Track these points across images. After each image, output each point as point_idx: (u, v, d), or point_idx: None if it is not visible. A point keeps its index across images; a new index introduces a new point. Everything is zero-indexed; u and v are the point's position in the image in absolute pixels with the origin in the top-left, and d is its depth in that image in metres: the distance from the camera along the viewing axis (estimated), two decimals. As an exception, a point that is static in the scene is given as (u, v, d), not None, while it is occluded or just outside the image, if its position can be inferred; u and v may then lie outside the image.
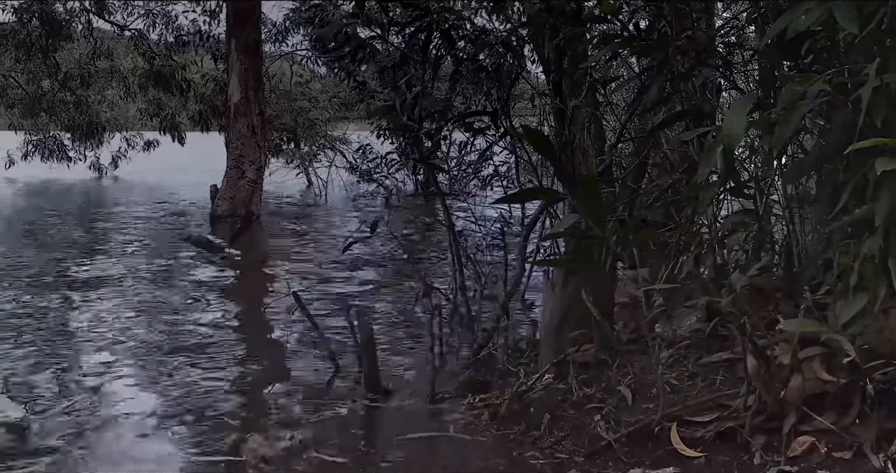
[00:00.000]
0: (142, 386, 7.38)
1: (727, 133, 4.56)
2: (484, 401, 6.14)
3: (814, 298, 4.66)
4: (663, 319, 5.68)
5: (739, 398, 4.72)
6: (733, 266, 5.71)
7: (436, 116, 7.85)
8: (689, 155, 6.57)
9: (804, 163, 5.50)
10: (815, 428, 4.35)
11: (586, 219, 4.74)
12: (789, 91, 4.51)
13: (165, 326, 9.40)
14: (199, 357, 8.14)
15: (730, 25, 7.50)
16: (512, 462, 5.20)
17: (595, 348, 5.92)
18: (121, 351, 8.36)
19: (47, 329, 9.22)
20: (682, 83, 6.14)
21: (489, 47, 9.14)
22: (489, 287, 8.36)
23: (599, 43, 6.74)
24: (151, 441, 6.06)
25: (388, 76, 9.98)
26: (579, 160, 6.82)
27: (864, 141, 4.05)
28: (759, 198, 5.75)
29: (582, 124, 6.86)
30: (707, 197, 5.11)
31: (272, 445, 5.89)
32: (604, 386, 5.60)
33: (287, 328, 8.88)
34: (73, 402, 6.79)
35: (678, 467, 4.58)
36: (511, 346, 7.34)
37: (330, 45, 18.11)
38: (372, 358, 6.92)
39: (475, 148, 16.02)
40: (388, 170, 24.80)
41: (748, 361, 4.56)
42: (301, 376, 7.63)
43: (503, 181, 16.90)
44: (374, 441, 6.20)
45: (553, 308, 6.33)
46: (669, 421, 4.84)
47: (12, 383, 7.29)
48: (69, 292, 11.25)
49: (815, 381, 4.40)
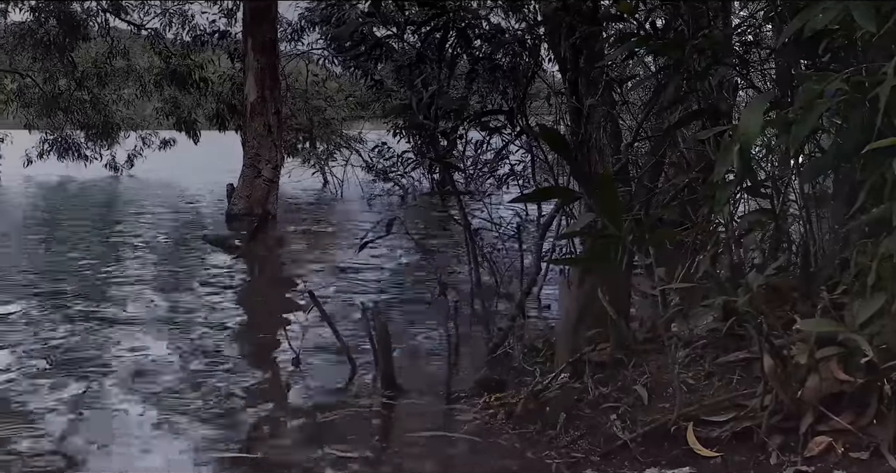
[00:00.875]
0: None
1: (744, 132, 4.55)
2: (499, 400, 6.14)
3: (831, 298, 4.64)
4: (680, 318, 5.67)
5: (756, 397, 4.71)
6: (750, 265, 5.69)
7: (452, 115, 7.85)
8: (705, 154, 6.55)
9: (821, 162, 5.48)
10: (832, 428, 4.34)
11: (602, 218, 4.73)
12: (806, 90, 4.50)
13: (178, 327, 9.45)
14: (215, 360, 8.16)
15: (747, 24, 7.47)
16: (527, 461, 5.19)
17: (611, 347, 5.92)
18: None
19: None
20: (698, 82, 6.12)
21: (505, 46, 9.14)
22: (505, 285, 8.35)
23: (616, 41, 6.74)
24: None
25: (404, 75, 10.00)
26: (595, 159, 6.81)
27: (882, 140, 4.04)
28: (775, 198, 5.73)
29: (598, 123, 6.84)
30: (723, 196, 5.09)
31: (286, 441, 5.92)
32: (620, 385, 5.59)
33: (303, 327, 8.89)
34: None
35: (694, 467, 4.57)
36: (527, 345, 7.33)
37: (346, 43, 18.16)
38: (387, 355, 6.92)
39: (491, 147, 16.04)
40: (404, 169, 24.84)
41: (765, 361, 4.55)
42: (316, 373, 7.64)
43: (519, 180, 16.93)
44: (389, 439, 6.20)
45: (569, 307, 6.33)
46: (686, 421, 4.83)
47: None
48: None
49: (832, 381, 4.38)
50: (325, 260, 14.54)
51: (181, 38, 29.14)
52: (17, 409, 6.60)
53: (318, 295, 8.27)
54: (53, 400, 6.79)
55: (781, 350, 4.55)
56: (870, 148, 4.10)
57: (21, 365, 7.69)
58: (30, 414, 6.47)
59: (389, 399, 6.70)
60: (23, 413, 6.49)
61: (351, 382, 7.33)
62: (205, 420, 6.38)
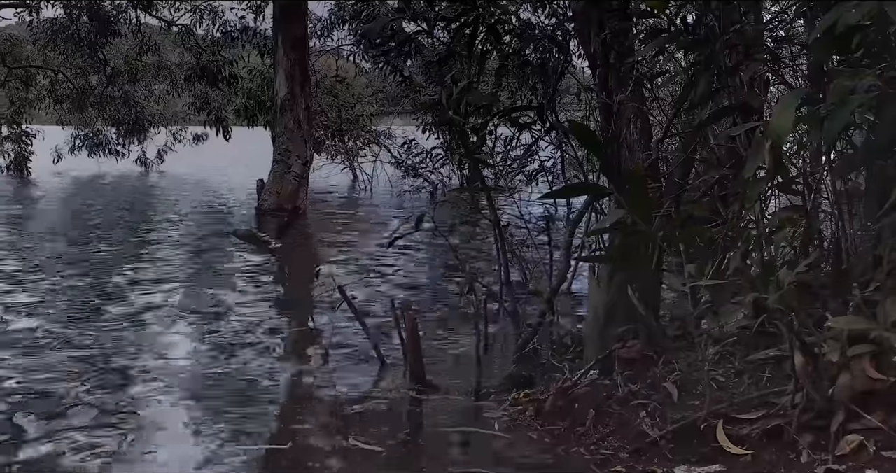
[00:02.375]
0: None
1: (775, 128, 4.52)
2: (528, 397, 6.14)
3: (863, 295, 4.62)
4: (710, 315, 5.65)
5: (787, 395, 4.69)
6: (781, 262, 5.66)
7: (481, 111, 7.84)
8: (736, 150, 6.52)
9: (853, 158, 5.44)
10: (863, 427, 4.31)
11: (632, 215, 4.71)
12: (839, 85, 4.47)
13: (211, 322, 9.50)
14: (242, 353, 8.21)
15: (778, 19, 7.42)
16: (557, 458, 5.19)
17: (641, 344, 5.90)
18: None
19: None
20: (729, 78, 6.09)
21: (535, 42, 9.13)
22: (534, 282, 8.35)
23: (646, 37, 6.70)
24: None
25: (433, 71, 10.00)
26: (625, 155, 6.77)
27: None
28: (807, 194, 5.70)
29: (628, 119, 6.81)
30: (755, 192, 5.06)
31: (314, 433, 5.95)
32: (649, 382, 5.58)
33: (332, 322, 8.90)
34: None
35: (724, 464, 4.56)
36: (556, 342, 7.33)
37: (376, 40, 18.18)
38: (417, 351, 6.93)
39: (521, 143, 16.03)
40: (434, 165, 24.84)
41: (796, 358, 4.53)
42: (346, 368, 7.66)
43: (549, 176, 16.91)
44: (417, 435, 6.21)
45: (598, 303, 6.31)
46: (716, 419, 4.82)
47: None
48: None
49: (863, 379, 4.36)
50: (354, 256, 14.56)
51: (211, 34, 29.24)
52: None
53: (348, 291, 8.28)
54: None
55: (813, 347, 4.53)
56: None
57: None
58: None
59: (418, 395, 6.72)
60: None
61: (380, 377, 7.36)
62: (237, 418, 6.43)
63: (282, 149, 20.87)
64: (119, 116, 33.72)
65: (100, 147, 35.48)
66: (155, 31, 32.14)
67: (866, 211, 5.41)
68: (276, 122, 21.46)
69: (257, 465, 5.60)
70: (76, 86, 32.01)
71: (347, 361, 7.86)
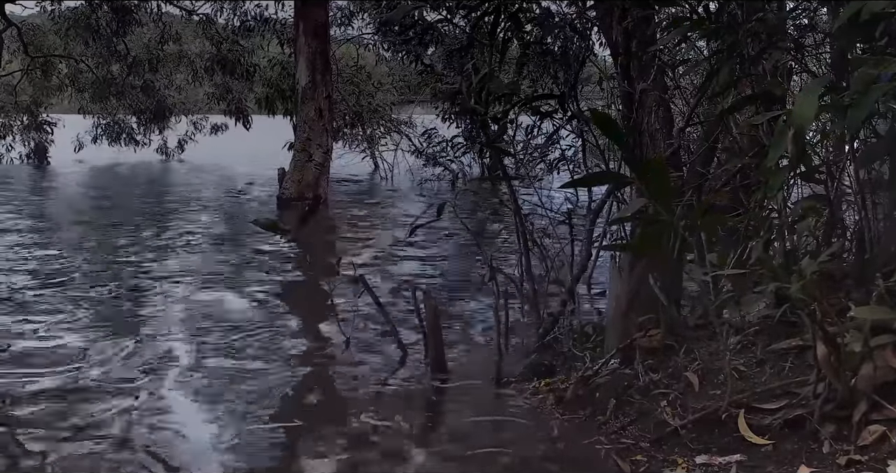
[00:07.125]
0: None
1: (798, 116, 4.49)
2: (549, 386, 6.15)
3: (886, 285, 4.59)
4: (731, 305, 5.63)
5: (809, 385, 4.67)
6: (803, 251, 5.63)
7: (502, 100, 7.82)
8: (758, 139, 6.49)
9: (877, 147, 5.41)
10: (886, 417, 4.29)
11: (654, 204, 4.70)
12: (863, 74, 4.43)
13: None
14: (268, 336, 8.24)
15: (801, 7, 7.38)
16: (577, 446, 5.19)
17: (662, 333, 5.89)
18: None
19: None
20: (752, 66, 6.06)
21: (557, 30, 9.10)
22: (555, 271, 8.33)
23: (668, 26, 6.67)
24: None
25: (454, 59, 9.98)
26: (647, 144, 6.75)
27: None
28: (830, 183, 5.68)
29: (650, 108, 6.78)
30: (777, 181, 5.03)
31: (337, 420, 5.97)
32: (670, 371, 5.58)
33: (354, 310, 8.92)
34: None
35: (745, 454, 4.55)
36: (577, 331, 7.32)
37: (397, 28, 18.16)
38: (438, 340, 6.94)
39: (542, 131, 16.00)
40: (454, 154, 24.85)
41: (818, 348, 4.51)
42: (368, 357, 7.68)
43: (570, 165, 16.87)
44: (438, 422, 6.23)
45: (620, 292, 6.31)
46: (737, 408, 4.81)
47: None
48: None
49: (886, 369, 4.34)
50: (374, 245, 14.57)
51: (232, 23, 29.27)
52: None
53: (369, 279, 8.30)
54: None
55: (835, 337, 4.51)
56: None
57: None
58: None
59: (440, 383, 6.73)
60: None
61: (401, 365, 7.38)
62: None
63: (303, 138, 20.88)
64: (140, 105, 33.85)
65: (121, 136, 35.64)
66: (176, 20, 32.18)
67: (890, 200, 5.38)
68: (298, 111, 21.48)
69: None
70: (98, 76, 32.10)
71: (369, 349, 7.89)
